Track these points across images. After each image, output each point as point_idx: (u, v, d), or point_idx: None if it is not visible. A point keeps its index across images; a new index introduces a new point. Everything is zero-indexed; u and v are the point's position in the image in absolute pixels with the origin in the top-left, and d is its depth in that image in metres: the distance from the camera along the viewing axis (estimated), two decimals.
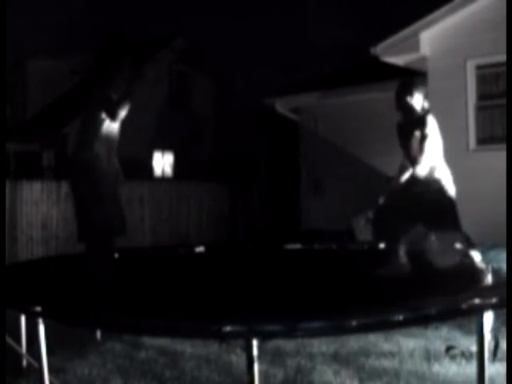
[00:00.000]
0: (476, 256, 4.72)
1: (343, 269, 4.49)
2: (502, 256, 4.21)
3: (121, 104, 4.67)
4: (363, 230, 11.06)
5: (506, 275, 3.35)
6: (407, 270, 4.63)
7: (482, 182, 8.55)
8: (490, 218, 8.02)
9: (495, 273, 3.77)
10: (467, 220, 8.55)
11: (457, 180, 8.78)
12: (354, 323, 2.32)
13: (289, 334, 2.44)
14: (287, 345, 4.45)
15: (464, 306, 2.55)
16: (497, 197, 7.93)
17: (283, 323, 2.32)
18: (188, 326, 2.41)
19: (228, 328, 2.24)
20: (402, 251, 4.76)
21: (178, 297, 3.34)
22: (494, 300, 2.63)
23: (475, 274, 3.86)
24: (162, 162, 19.74)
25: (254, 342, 2.27)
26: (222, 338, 2.47)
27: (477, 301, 2.63)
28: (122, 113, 4.72)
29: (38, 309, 2.89)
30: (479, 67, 8.86)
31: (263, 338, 2.36)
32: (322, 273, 4.23)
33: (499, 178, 7.79)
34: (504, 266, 3.80)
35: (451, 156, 8.95)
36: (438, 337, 4.70)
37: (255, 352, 2.28)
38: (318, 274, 4.16)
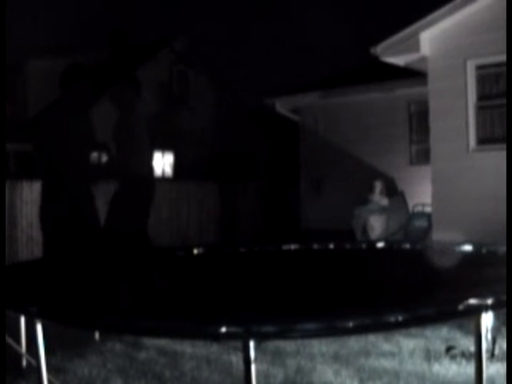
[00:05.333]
0: None
1: (341, 269, 4.49)
2: None
3: None
4: (363, 230, 11.06)
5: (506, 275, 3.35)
6: (405, 270, 4.63)
7: (481, 182, 8.55)
8: (489, 218, 8.02)
9: (493, 272, 3.77)
10: (467, 219, 8.60)
11: (457, 180, 8.82)
12: (351, 324, 2.32)
13: (286, 334, 2.44)
14: (287, 345, 4.45)
15: (462, 308, 2.55)
16: (497, 197, 7.93)
17: (280, 324, 2.32)
18: (184, 327, 2.41)
19: (224, 329, 2.24)
20: None
21: (174, 298, 3.34)
22: (492, 301, 2.63)
23: (473, 274, 3.86)
24: (162, 162, 19.74)
25: (251, 343, 2.27)
26: (218, 339, 2.47)
27: (475, 302, 2.63)
28: None
29: (35, 309, 2.88)
30: (479, 67, 8.86)
31: (260, 338, 2.35)
32: (320, 273, 4.23)
33: (499, 177, 7.79)
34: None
35: (451, 156, 9.02)
36: (437, 337, 4.71)
37: (252, 353, 2.28)
38: (316, 275, 4.15)
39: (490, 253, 4.51)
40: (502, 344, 3.98)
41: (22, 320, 3.94)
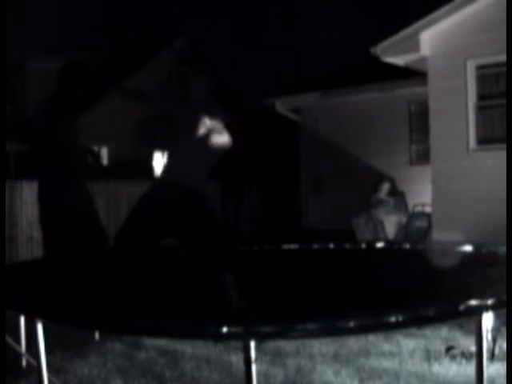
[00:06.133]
0: None
1: (341, 269, 4.49)
2: None
3: None
4: (363, 230, 11.06)
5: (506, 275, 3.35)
6: (406, 270, 4.63)
7: (482, 182, 8.55)
8: (490, 218, 8.02)
9: (493, 272, 3.77)
10: (467, 219, 8.59)
11: (457, 180, 8.82)
12: (351, 324, 2.32)
13: (286, 334, 2.44)
14: (287, 345, 4.45)
15: (462, 308, 2.55)
16: (497, 196, 7.93)
17: (280, 324, 2.33)
18: (185, 327, 2.41)
19: (225, 329, 2.24)
20: None
21: (176, 298, 3.35)
22: (493, 301, 2.63)
23: (474, 274, 3.86)
24: (162, 162, 19.72)
25: (252, 343, 2.27)
26: (219, 339, 2.47)
27: (476, 302, 2.63)
28: None
29: (36, 310, 2.89)
30: (479, 67, 8.85)
31: (261, 338, 2.35)
32: (320, 273, 4.23)
33: (499, 177, 7.79)
34: None
35: (451, 156, 9.01)
36: (437, 337, 4.70)
37: (253, 353, 2.28)
38: (316, 275, 4.16)
39: (489, 253, 4.51)
40: (502, 344, 3.97)
41: (22, 320, 3.94)
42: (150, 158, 19.13)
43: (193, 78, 20.20)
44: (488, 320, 3.75)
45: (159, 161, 19.61)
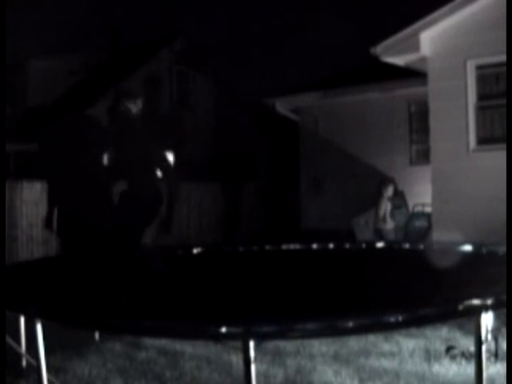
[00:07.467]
0: None
1: (341, 269, 4.49)
2: None
3: None
4: (363, 230, 11.06)
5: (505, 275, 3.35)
6: (406, 270, 4.63)
7: (481, 182, 8.55)
8: (489, 218, 8.02)
9: (493, 272, 3.77)
10: (467, 219, 8.60)
11: (457, 180, 8.82)
12: (351, 324, 2.32)
13: (286, 334, 2.44)
14: (287, 345, 4.45)
15: (462, 308, 2.55)
16: (497, 197, 7.93)
17: (280, 324, 2.33)
18: (184, 327, 2.41)
19: (224, 329, 2.24)
20: None
21: (175, 298, 3.35)
22: (493, 301, 2.63)
23: (474, 274, 3.86)
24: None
25: (251, 343, 2.28)
26: (219, 339, 2.48)
27: (475, 302, 2.63)
28: None
29: (35, 309, 2.89)
30: (479, 67, 8.85)
31: (260, 339, 2.36)
32: (320, 273, 4.23)
33: (499, 177, 7.79)
34: None
35: (451, 156, 9.02)
36: (437, 337, 4.71)
37: (252, 353, 2.28)
38: (316, 275, 4.16)
39: (489, 253, 4.51)
40: (502, 344, 3.97)
41: (22, 320, 3.94)
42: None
43: (193, 78, 20.20)
44: (488, 320, 3.75)
45: None
